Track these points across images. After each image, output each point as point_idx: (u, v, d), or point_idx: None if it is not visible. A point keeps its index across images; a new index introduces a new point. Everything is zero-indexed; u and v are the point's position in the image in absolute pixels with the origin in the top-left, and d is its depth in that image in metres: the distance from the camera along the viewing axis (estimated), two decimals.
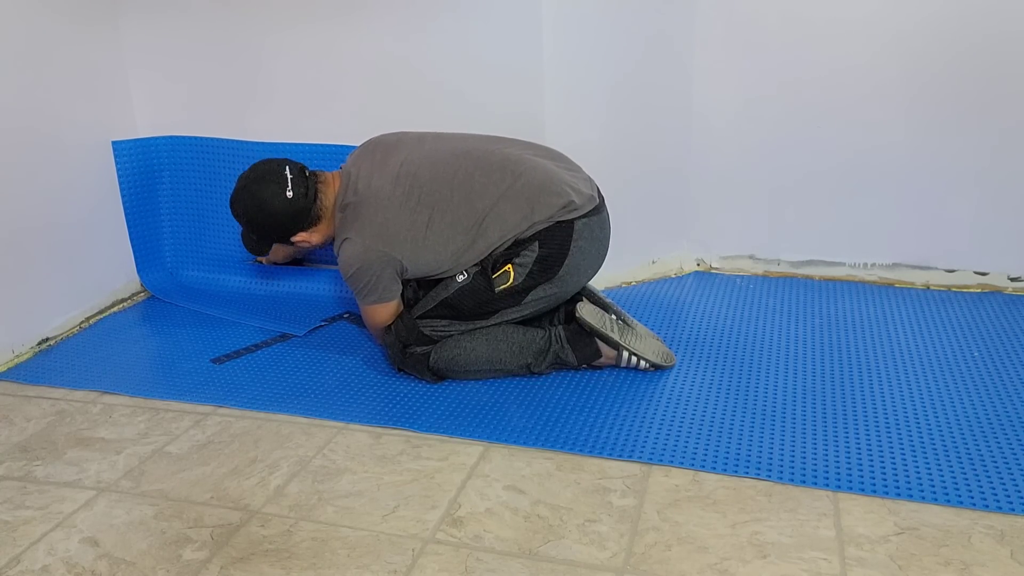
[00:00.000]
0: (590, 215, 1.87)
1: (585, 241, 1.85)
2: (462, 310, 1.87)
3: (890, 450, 1.57)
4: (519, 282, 1.83)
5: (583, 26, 2.15)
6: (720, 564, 1.30)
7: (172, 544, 1.42)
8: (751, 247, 2.48)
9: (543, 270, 1.83)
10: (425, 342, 1.89)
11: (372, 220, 1.85)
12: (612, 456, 1.60)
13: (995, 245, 2.26)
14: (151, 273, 2.54)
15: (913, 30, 2.14)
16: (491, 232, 1.84)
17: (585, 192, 1.88)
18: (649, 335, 1.96)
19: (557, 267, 1.84)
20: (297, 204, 1.90)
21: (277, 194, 1.90)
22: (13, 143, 2.12)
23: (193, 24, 2.39)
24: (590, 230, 1.86)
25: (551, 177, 1.86)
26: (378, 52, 2.25)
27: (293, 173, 1.91)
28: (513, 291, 1.84)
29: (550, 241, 1.83)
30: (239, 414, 1.84)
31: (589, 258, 1.89)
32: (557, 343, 1.89)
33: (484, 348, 1.88)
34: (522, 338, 1.89)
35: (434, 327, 1.88)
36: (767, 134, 2.34)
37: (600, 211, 1.91)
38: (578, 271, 1.87)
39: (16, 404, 1.94)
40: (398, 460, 1.63)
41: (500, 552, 1.36)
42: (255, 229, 1.98)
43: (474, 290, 1.85)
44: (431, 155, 1.91)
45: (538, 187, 1.84)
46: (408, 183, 1.87)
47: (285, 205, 1.90)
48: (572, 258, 1.84)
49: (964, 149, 2.21)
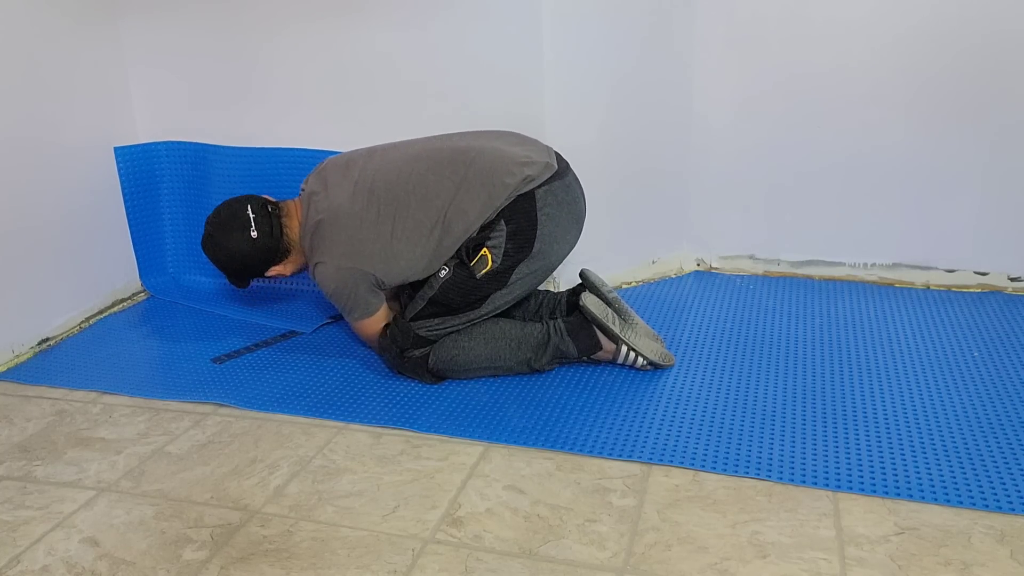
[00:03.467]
0: (550, 181, 1.86)
1: (551, 207, 1.85)
2: (451, 304, 1.86)
3: (890, 450, 1.57)
4: (498, 263, 1.83)
5: (583, 26, 2.15)
6: (720, 564, 1.30)
7: (172, 544, 1.42)
8: (751, 247, 2.48)
9: (518, 246, 1.83)
10: (422, 344, 1.89)
11: (338, 239, 1.87)
12: (612, 456, 1.60)
13: (995, 245, 2.26)
14: (154, 278, 2.54)
15: (913, 30, 2.14)
16: (456, 227, 1.84)
17: (540, 161, 1.87)
18: (650, 334, 1.96)
19: (531, 240, 1.83)
20: (263, 243, 1.94)
21: (242, 238, 1.93)
22: (13, 143, 2.12)
23: (193, 26, 2.39)
24: (553, 195, 1.85)
25: (501, 157, 1.86)
26: (378, 53, 2.25)
27: (255, 212, 1.94)
28: (495, 273, 1.84)
29: (516, 216, 1.82)
30: (239, 414, 1.84)
31: (562, 223, 1.88)
32: (557, 335, 1.89)
33: (482, 347, 1.88)
34: (520, 334, 1.89)
35: (429, 327, 1.88)
36: (767, 134, 2.34)
37: (562, 175, 1.89)
38: (553, 239, 1.86)
39: (16, 404, 1.94)
40: (398, 460, 1.63)
41: (500, 552, 1.36)
42: (228, 273, 2.02)
43: (458, 282, 1.85)
44: (383, 165, 1.92)
45: (490, 171, 1.84)
46: (366, 196, 1.87)
47: (251, 247, 1.94)
48: (543, 227, 1.84)
49: (964, 149, 2.21)
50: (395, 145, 1.99)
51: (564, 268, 2.32)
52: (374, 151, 1.99)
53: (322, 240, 1.89)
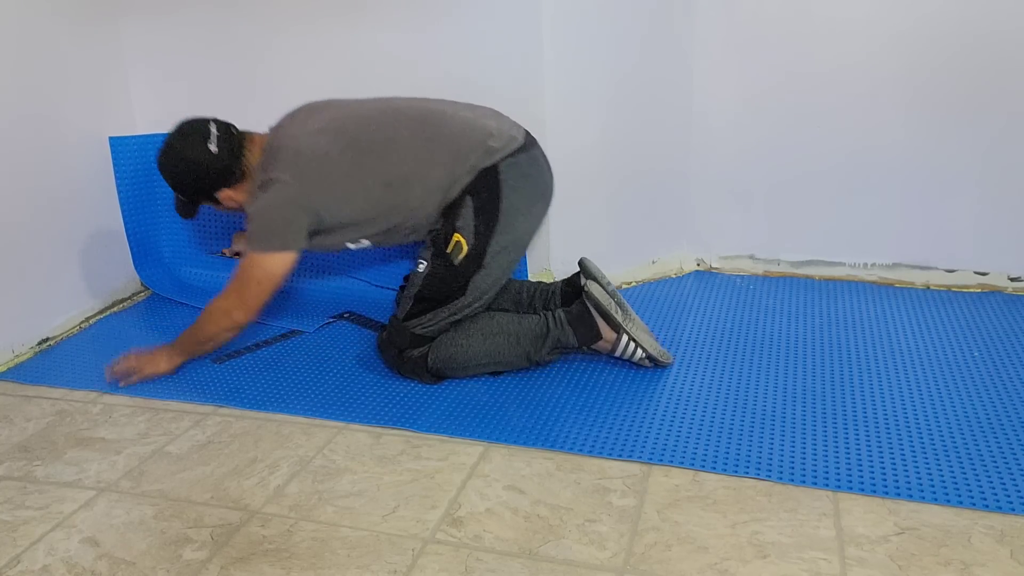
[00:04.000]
0: (515, 154, 1.86)
1: (515, 180, 1.85)
2: (437, 296, 1.86)
3: (890, 450, 1.57)
4: (472, 244, 1.83)
5: (583, 26, 2.15)
6: (720, 564, 1.30)
7: (172, 544, 1.42)
8: (751, 247, 2.48)
9: (486, 222, 1.83)
10: (419, 342, 1.89)
11: (294, 162, 1.83)
12: (612, 456, 1.60)
13: (995, 245, 2.26)
14: (149, 269, 2.54)
15: (914, 29, 2.14)
16: (415, 189, 1.83)
17: (506, 133, 1.88)
18: (647, 332, 1.96)
19: (496, 212, 1.83)
20: (222, 159, 1.86)
21: (201, 149, 1.86)
22: (13, 143, 2.13)
23: (192, 24, 2.39)
24: (517, 167, 1.86)
25: (469, 126, 1.87)
26: (378, 52, 2.26)
27: (219, 129, 1.89)
28: (472, 256, 1.84)
29: (480, 191, 1.83)
30: (239, 414, 1.84)
31: (526, 195, 1.88)
32: (557, 327, 1.89)
33: (480, 343, 1.87)
34: (517, 327, 1.89)
35: (422, 324, 1.88)
36: (767, 134, 2.34)
37: (527, 149, 1.89)
38: (518, 211, 1.86)
39: (16, 404, 1.94)
40: (398, 460, 1.63)
41: (500, 552, 1.36)
42: (179, 185, 1.93)
43: (437, 272, 1.85)
44: (358, 111, 1.91)
45: (456, 136, 1.84)
46: (333, 134, 1.86)
47: (210, 159, 1.86)
48: (507, 200, 1.83)
49: (964, 149, 2.21)
50: (374, 99, 1.98)
51: (563, 267, 2.32)
52: (352, 100, 1.98)
53: (277, 161, 1.84)
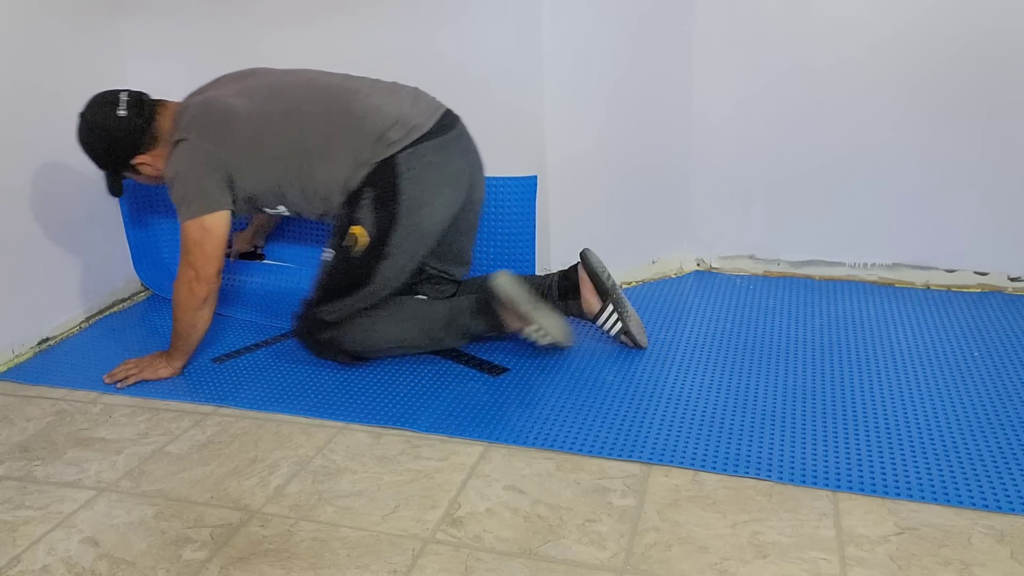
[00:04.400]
0: (417, 143, 1.84)
1: (415, 170, 1.83)
2: (340, 286, 1.88)
3: (890, 450, 1.57)
4: (373, 235, 1.84)
5: (583, 26, 2.15)
6: (720, 564, 1.30)
7: (172, 544, 1.42)
8: (751, 247, 2.48)
9: (385, 214, 1.83)
10: (328, 327, 1.92)
11: (197, 120, 1.85)
12: (612, 456, 1.60)
13: (995, 245, 2.26)
14: (148, 269, 2.54)
15: (914, 27, 2.14)
16: (317, 165, 1.84)
17: (412, 120, 1.86)
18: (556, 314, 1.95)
19: (395, 205, 1.83)
20: (132, 123, 1.88)
21: (109, 114, 1.88)
22: (12, 142, 2.13)
23: (193, 25, 2.39)
24: (418, 157, 1.84)
25: (376, 110, 1.85)
26: (377, 53, 2.25)
27: (129, 96, 1.90)
28: (373, 248, 1.84)
29: (378, 182, 1.83)
30: (239, 414, 1.84)
31: (429, 185, 1.86)
32: (463, 314, 1.92)
33: (388, 328, 1.92)
34: (426, 314, 1.93)
35: (330, 310, 1.91)
36: (767, 134, 2.34)
37: (435, 134, 1.86)
38: (420, 202, 1.85)
39: (16, 404, 1.94)
40: (398, 460, 1.63)
41: (500, 552, 1.36)
42: (95, 154, 1.94)
43: (340, 263, 1.87)
44: (275, 80, 1.93)
45: (359, 120, 1.84)
46: (244, 98, 1.88)
47: (118, 123, 1.88)
48: (405, 192, 1.83)
49: (964, 148, 2.21)
50: (299, 70, 1.99)
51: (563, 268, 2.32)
52: (277, 70, 1.99)
53: (186, 124, 1.86)
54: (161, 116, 1.92)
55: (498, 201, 2.21)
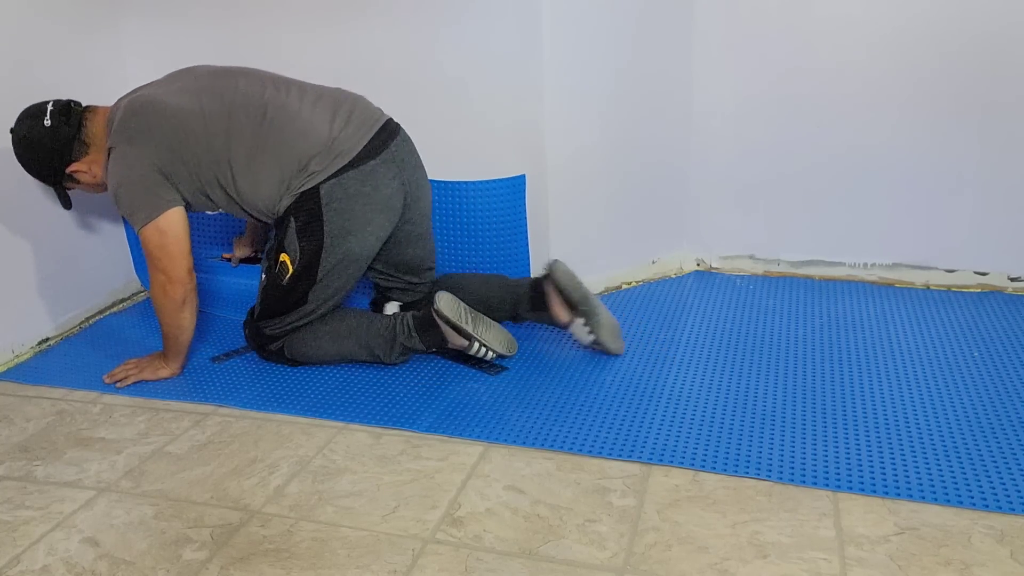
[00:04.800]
0: (341, 172, 1.82)
1: (339, 201, 1.82)
2: (277, 308, 1.93)
3: (890, 450, 1.57)
4: (297, 264, 1.85)
5: (582, 25, 2.15)
6: (720, 564, 1.30)
7: (172, 544, 1.42)
8: (751, 247, 2.48)
9: (311, 243, 1.84)
10: (273, 340, 1.97)
11: (128, 125, 1.82)
12: (612, 456, 1.60)
13: (995, 245, 2.26)
14: None
15: (915, 27, 2.14)
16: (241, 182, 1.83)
17: (337, 148, 1.83)
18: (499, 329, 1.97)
19: (319, 235, 1.83)
20: (58, 132, 1.86)
21: (34, 126, 1.87)
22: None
23: (193, 27, 2.38)
24: (342, 188, 1.82)
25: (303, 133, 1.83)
26: (377, 53, 2.25)
27: (55, 106, 1.89)
28: (301, 274, 1.87)
29: (301, 212, 1.84)
30: (239, 414, 1.84)
31: (356, 215, 1.84)
32: (403, 333, 1.94)
33: (329, 344, 1.96)
34: (367, 331, 1.95)
35: (271, 326, 1.96)
36: (767, 134, 2.34)
37: (363, 160, 1.83)
38: (346, 231, 1.84)
39: (16, 404, 1.94)
40: (398, 460, 1.63)
41: (500, 552, 1.36)
42: (29, 166, 1.92)
43: (271, 288, 1.91)
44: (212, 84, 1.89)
45: (282, 143, 1.82)
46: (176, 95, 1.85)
47: (44, 134, 1.86)
48: (330, 223, 1.83)
49: (964, 148, 2.21)
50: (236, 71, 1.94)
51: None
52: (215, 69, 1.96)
53: (115, 130, 1.84)
54: (91, 122, 1.90)
55: (488, 203, 2.21)
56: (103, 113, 1.92)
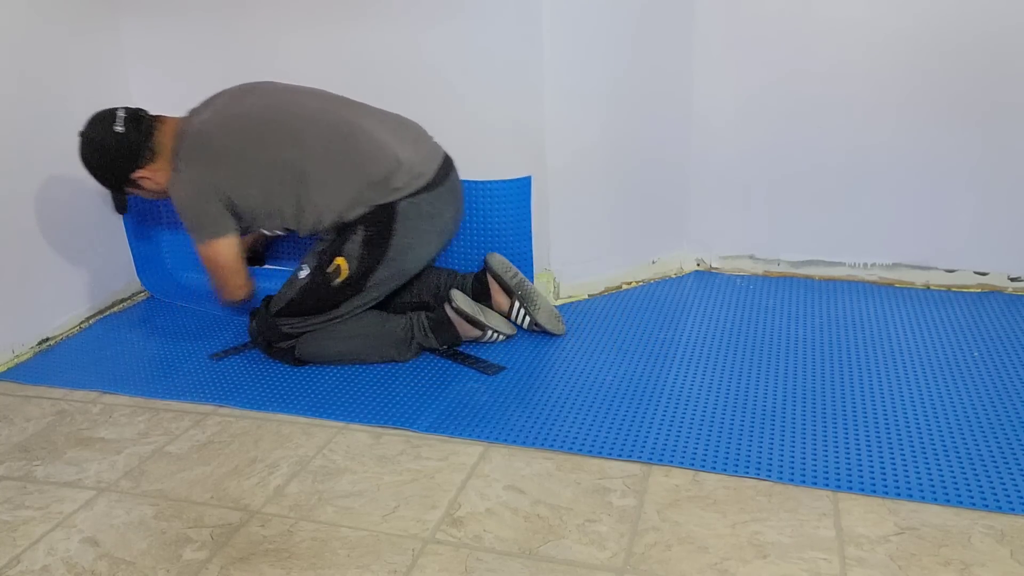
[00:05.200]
0: (418, 193, 1.90)
1: (412, 219, 1.90)
2: (308, 307, 1.94)
3: (890, 450, 1.57)
4: (353, 270, 1.90)
5: (583, 25, 2.15)
6: (720, 564, 1.30)
7: (172, 544, 1.42)
8: (751, 247, 2.48)
9: (373, 254, 1.89)
10: (287, 338, 1.98)
11: (199, 149, 1.89)
12: (612, 456, 1.60)
13: (995, 245, 2.26)
14: (151, 275, 2.54)
15: (914, 27, 2.14)
16: (314, 194, 1.88)
17: (415, 168, 1.91)
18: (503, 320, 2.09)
19: (385, 247, 1.89)
20: (129, 138, 1.91)
21: (107, 130, 1.91)
22: (13, 143, 2.13)
23: (193, 26, 2.39)
24: (416, 208, 1.90)
25: (381, 151, 1.90)
26: (377, 53, 2.25)
27: (126, 112, 1.93)
28: (351, 281, 1.91)
29: (373, 223, 1.88)
30: (239, 414, 1.84)
31: (421, 235, 1.94)
32: (420, 333, 1.98)
33: (344, 344, 1.98)
34: (381, 331, 1.98)
35: (291, 324, 1.97)
36: (767, 134, 2.34)
37: (434, 186, 1.93)
38: (409, 248, 1.92)
39: (16, 404, 1.94)
40: (398, 460, 1.63)
41: (500, 552, 1.36)
42: (94, 171, 1.97)
43: (315, 287, 1.93)
44: (274, 103, 1.95)
45: (364, 159, 1.88)
46: (243, 122, 1.91)
47: (115, 140, 1.90)
48: (399, 238, 1.90)
49: (964, 148, 2.21)
50: (299, 91, 2.01)
51: (564, 268, 2.32)
52: (277, 89, 2.01)
53: (185, 151, 1.91)
54: (159, 132, 1.95)
55: (493, 203, 2.22)
56: (172, 124, 1.96)
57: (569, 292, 2.36)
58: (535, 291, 2.11)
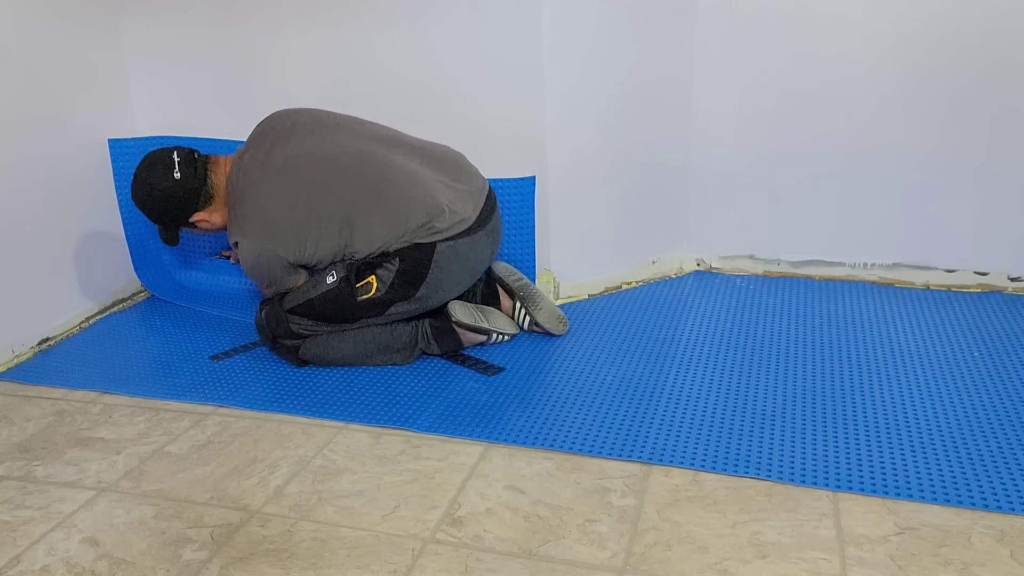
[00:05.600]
0: (457, 237, 1.92)
1: (448, 261, 1.93)
2: (326, 315, 1.95)
3: (890, 450, 1.57)
4: (380, 294, 1.92)
5: (583, 25, 2.15)
6: (720, 564, 1.30)
7: (172, 544, 1.42)
8: (751, 247, 2.48)
9: (403, 285, 1.92)
10: (294, 336, 1.98)
11: (255, 220, 1.94)
12: (612, 456, 1.60)
13: (995, 245, 2.26)
14: (148, 272, 2.54)
15: (914, 28, 2.14)
16: (358, 240, 1.91)
17: (459, 213, 1.93)
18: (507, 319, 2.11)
19: (417, 285, 1.92)
20: (187, 184, 1.95)
21: (165, 176, 1.94)
22: (13, 144, 2.13)
23: (193, 26, 2.39)
24: (454, 251, 1.93)
25: (424, 192, 1.92)
26: (378, 53, 2.25)
27: (181, 156, 1.96)
28: (375, 302, 1.93)
29: (409, 259, 1.90)
30: (239, 414, 1.84)
31: (454, 276, 1.97)
32: (423, 340, 2.00)
33: (350, 348, 1.99)
34: (388, 337, 1.99)
35: (302, 325, 1.97)
36: (767, 134, 2.34)
37: (475, 229, 1.96)
38: (440, 286, 1.95)
39: (16, 404, 1.94)
40: (398, 460, 1.63)
41: (500, 552, 1.36)
42: (152, 215, 2.01)
43: (338, 297, 1.93)
44: (316, 150, 1.96)
45: (406, 201, 1.90)
46: (290, 180, 1.93)
47: (174, 186, 1.94)
48: (432, 276, 1.92)
49: (965, 148, 2.21)
50: (340, 127, 2.01)
51: (564, 268, 2.33)
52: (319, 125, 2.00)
53: (243, 216, 1.94)
54: (213, 172, 1.99)
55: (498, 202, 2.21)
56: (224, 164, 2.01)
57: (569, 292, 2.36)
58: (538, 293, 2.12)
